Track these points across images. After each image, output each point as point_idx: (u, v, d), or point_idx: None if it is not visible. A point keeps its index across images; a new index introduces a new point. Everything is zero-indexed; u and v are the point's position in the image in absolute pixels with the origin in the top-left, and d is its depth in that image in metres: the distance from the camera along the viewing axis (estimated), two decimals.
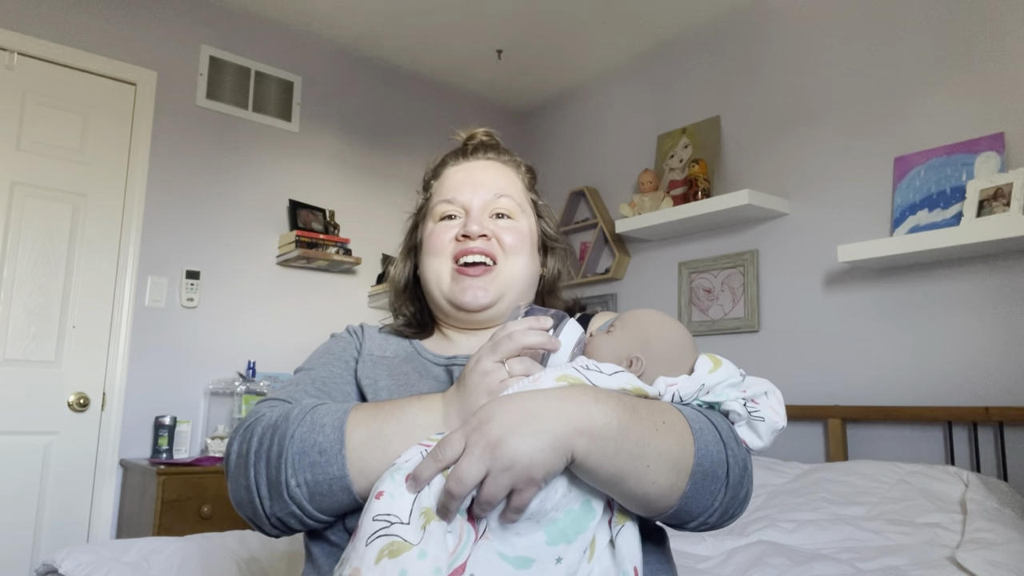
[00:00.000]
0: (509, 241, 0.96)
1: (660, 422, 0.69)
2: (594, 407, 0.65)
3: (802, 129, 2.77)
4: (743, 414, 0.76)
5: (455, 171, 1.02)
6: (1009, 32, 2.25)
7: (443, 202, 0.98)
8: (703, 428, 0.72)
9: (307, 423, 0.73)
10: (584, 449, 0.64)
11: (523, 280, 0.98)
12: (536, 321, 0.74)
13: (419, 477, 0.63)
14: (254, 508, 0.74)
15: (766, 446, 0.77)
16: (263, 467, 0.73)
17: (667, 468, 0.68)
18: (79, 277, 2.76)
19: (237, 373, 3.00)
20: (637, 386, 0.72)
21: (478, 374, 0.72)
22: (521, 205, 1.00)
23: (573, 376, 0.70)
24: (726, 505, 0.73)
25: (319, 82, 3.45)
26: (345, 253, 3.26)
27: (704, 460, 0.70)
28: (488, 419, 0.64)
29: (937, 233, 2.15)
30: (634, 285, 3.34)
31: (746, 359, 2.81)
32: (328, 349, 0.98)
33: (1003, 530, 1.61)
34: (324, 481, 0.71)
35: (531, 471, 0.61)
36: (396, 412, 0.74)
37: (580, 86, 3.81)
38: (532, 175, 1.08)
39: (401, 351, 0.98)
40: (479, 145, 1.05)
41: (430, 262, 0.97)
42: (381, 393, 0.88)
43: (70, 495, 2.67)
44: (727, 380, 0.76)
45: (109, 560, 1.53)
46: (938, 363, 2.29)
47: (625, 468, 0.65)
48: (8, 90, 2.67)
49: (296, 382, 0.90)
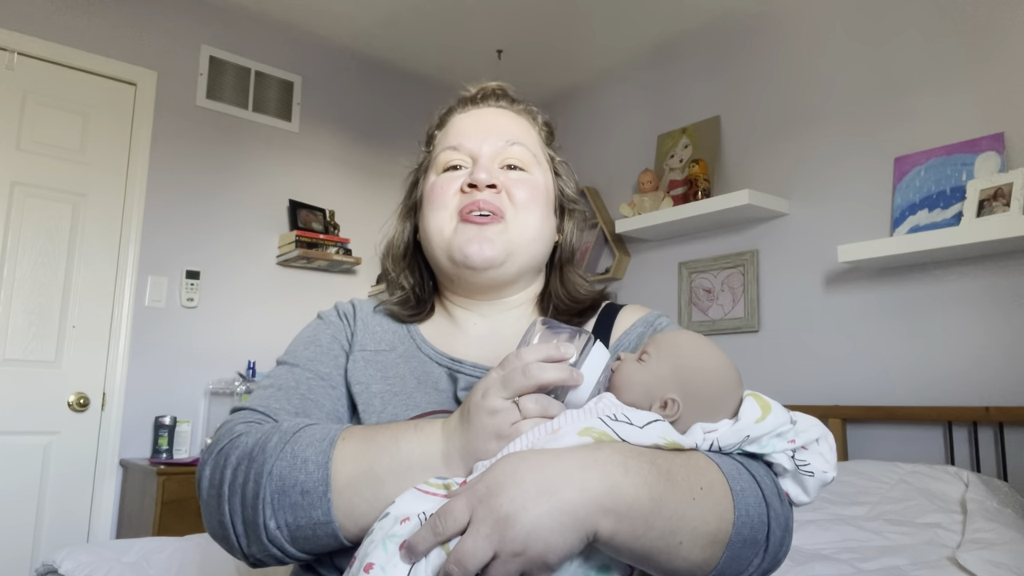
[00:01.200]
0: (521, 195, 0.83)
1: (697, 488, 0.60)
2: (623, 479, 0.56)
3: (802, 129, 2.77)
4: (790, 468, 0.66)
5: (462, 117, 0.90)
6: (1009, 32, 2.25)
7: (448, 149, 0.86)
8: (744, 489, 0.63)
9: (287, 456, 0.65)
10: (609, 530, 0.55)
11: (536, 240, 0.85)
12: (555, 350, 0.63)
13: (415, 550, 0.55)
14: (229, 544, 0.67)
15: (811, 501, 0.68)
16: (238, 504, 0.65)
17: (703, 543, 0.59)
18: (79, 277, 2.76)
19: (237, 373, 3.00)
20: (671, 440, 0.63)
21: (485, 413, 0.62)
22: (536, 156, 0.88)
23: (599, 430, 0.61)
24: (763, 570, 0.65)
25: (319, 82, 3.45)
26: (345, 253, 3.26)
27: (744, 528, 0.61)
28: (498, 490, 0.54)
29: (937, 233, 2.14)
30: (634, 285, 3.34)
31: (746, 359, 2.81)
32: (315, 338, 0.87)
33: (1003, 530, 1.61)
34: (307, 526, 0.63)
35: (546, 556, 0.53)
36: (389, 446, 0.65)
37: (580, 86, 3.81)
38: (550, 130, 0.95)
39: (398, 343, 0.87)
40: (490, 93, 0.92)
41: (431, 216, 0.85)
42: (373, 400, 0.80)
43: (70, 495, 2.67)
44: (775, 430, 0.66)
45: (109, 560, 1.53)
46: (938, 363, 2.29)
47: (655, 547, 0.57)
48: (8, 90, 2.67)
49: (278, 385, 0.81)
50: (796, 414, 0.68)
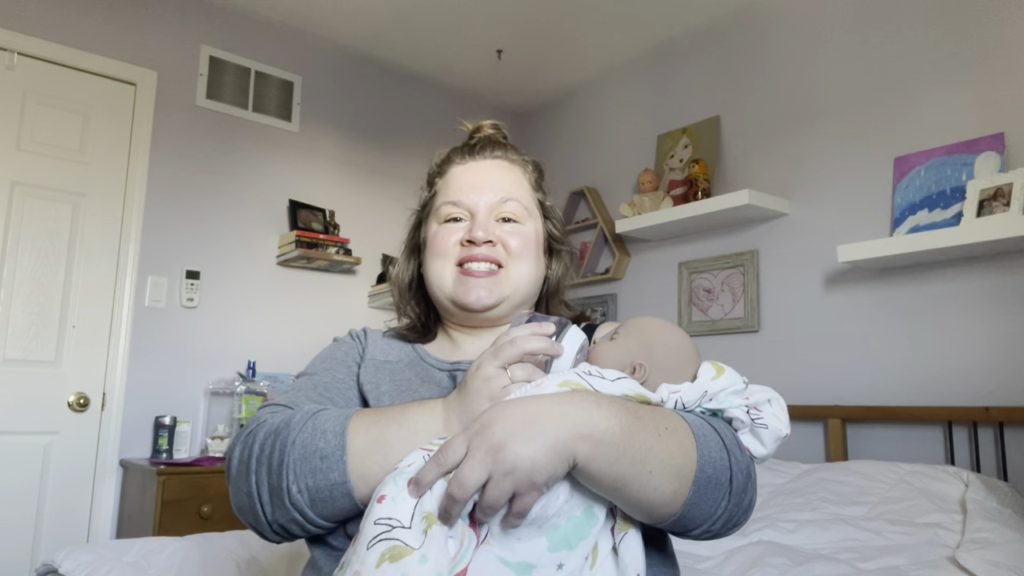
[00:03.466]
0: (515, 246, 0.95)
1: (663, 428, 0.69)
2: (596, 412, 0.65)
3: (802, 129, 2.77)
4: (746, 421, 0.76)
5: (461, 171, 1.00)
6: (1009, 32, 2.25)
7: (448, 204, 0.97)
8: (706, 434, 0.72)
9: (308, 429, 0.73)
10: (586, 454, 0.63)
11: (528, 284, 0.97)
12: (539, 327, 0.74)
13: (421, 481, 0.63)
14: (255, 514, 0.75)
15: (770, 453, 0.77)
16: (264, 473, 0.73)
17: (670, 474, 0.67)
18: (79, 277, 2.76)
19: (237, 373, 3.00)
20: (640, 392, 0.72)
21: (480, 379, 0.71)
22: (528, 208, 0.99)
23: (576, 382, 0.70)
24: (730, 513, 0.73)
25: (319, 82, 3.45)
26: (345, 253, 3.26)
27: (707, 467, 0.70)
28: (490, 423, 0.64)
29: (937, 233, 2.15)
30: (634, 285, 3.34)
31: (746, 359, 2.81)
32: (330, 354, 0.97)
33: (1003, 530, 1.61)
34: (325, 487, 0.71)
35: (533, 475, 0.61)
36: (397, 417, 0.74)
37: (580, 86, 3.81)
38: (539, 173, 1.06)
39: (404, 356, 0.98)
40: (486, 142, 1.03)
41: (433, 264, 0.96)
42: (383, 398, 0.88)
43: (70, 495, 2.67)
44: (730, 387, 0.76)
45: (109, 560, 1.53)
46: (938, 363, 2.29)
47: (627, 473, 0.65)
48: (8, 90, 2.67)
49: (298, 387, 0.90)
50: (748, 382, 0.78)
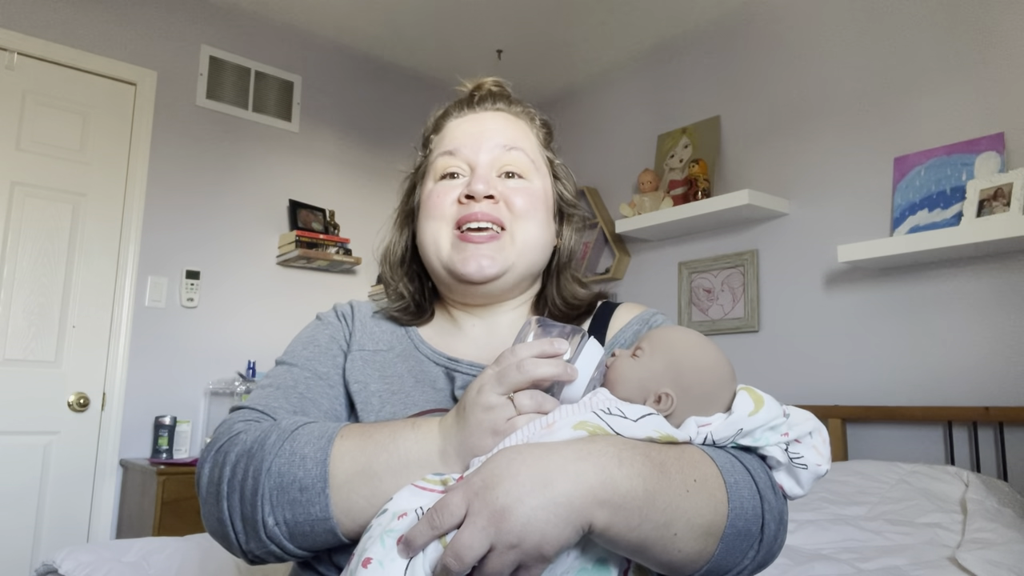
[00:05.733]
0: (520, 204, 0.83)
1: (691, 480, 0.60)
2: (617, 471, 0.56)
3: (802, 129, 2.77)
4: (783, 461, 0.67)
5: (459, 122, 0.89)
6: (1009, 32, 2.25)
7: (444, 154, 0.86)
8: (738, 481, 0.63)
9: (286, 453, 0.65)
10: (604, 522, 0.55)
11: (536, 249, 0.85)
12: (550, 345, 0.64)
13: (412, 544, 0.55)
14: (228, 542, 0.68)
15: (805, 493, 0.68)
16: (237, 501, 0.66)
17: (697, 534, 0.60)
18: (79, 277, 2.76)
19: (237, 373, 3.00)
20: (665, 433, 0.63)
21: (480, 409, 0.63)
22: (535, 162, 0.88)
23: (593, 424, 0.61)
24: (759, 562, 0.65)
25: (319, 82, 3.45)
26: (345, 253, 3.26)
27: (738, 520, 0.62)
28: (493, 483, 0.54)
29: (937, 233, 2.14)
30: (634, 285, 3.34)
31: (746, 359, 2.81)
32: (313, 338, 0.87)
33: (1003, 530, 1.61)
34: (306, 522, 0.64)
35: (542, 548, 0.53)
36: (387, 443, 0.65)
37: (580, 86, 3.81)
38: (548, 131, 0.94)
39: (396, 343, 0.88)
40: (487, 95, 0.92)
41: (428, 227, 0.85)
42: (372, 399, 0.80)
43: (70, 495, 2.67)
44: (768, 423, 0.66)
45: (109, 560, 1.53)
46: (938, 363, 2.29)
47: (650, 538, 0.57)
48: (8, 90, 2.67)
49: (276, 385, 0.81)
50: (789, 408, 0.68)
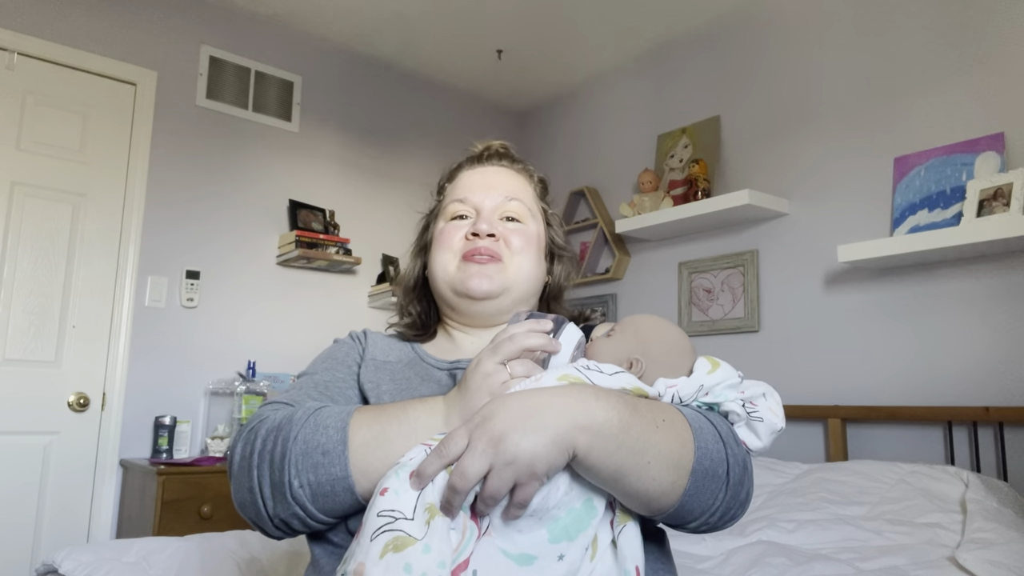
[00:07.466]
0: (517, 243, 0.98)
1: (660, 420, 0.70)
2: (595, 404, 0.67)
3: (802, 129, 2.77)
4: (742, 415, 0.77)
5: (469, 174, 1.06)
6: (1009, 32, 2.25)
7: (455, 201, 1.02)
8: (702, 427, 0.74)
9: (310, 425, 0.75)
10: (585, 445, 0.65)
11: (528, 280, 0.99)
12: (537, 324, 0.75)
13: (423, 473, 0.65)
14: (257, 510, 0.76)
15: (765, 447, 0.78)
16: (266, 469, 0.74)
17: (668, 465, 0.69)
18: (79, 277, 2.76)
19: (237, 373, 3.00)
20: (637, 386, 0.74)
21: (479, 375, 0.73)
22: (531, 210, 1.03)
23: (574, 376, 0.72)
24: (727, 505, 0.74)
25: (319, 82, 3.45)
26: (345, 253, 3.26)
27: (704, 458, 0.71)
28: (491, 416, 0.65)
29: (937, 233, 2.15)
30: (634, 285, 3.34)
31: (746, 359, 2.81)
32: (331, 354, 0.99)
33: (1003, 530, 1.61)
34: (327, 482, 0.72)
35: (534, 466, 0.63)
36: (398, 414, 0.75)
37: (580, 86, 3.81)
38: (544, 186, 1.11)
39: (404, 356, 1.00)
40: (494, 153, 1.09)
41: (439, 257, 0.99)
42: (384, 397, 0.90)
43: (70, 495, 2.67)
44: (725, 381, 0.78)
45: (109, 560, 1.53)
46: (938, 363, 2.29)
47: (626, 464, 0.67)
48: (8, 90, 2.67)
49: (299, 386, 0.92)
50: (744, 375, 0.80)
